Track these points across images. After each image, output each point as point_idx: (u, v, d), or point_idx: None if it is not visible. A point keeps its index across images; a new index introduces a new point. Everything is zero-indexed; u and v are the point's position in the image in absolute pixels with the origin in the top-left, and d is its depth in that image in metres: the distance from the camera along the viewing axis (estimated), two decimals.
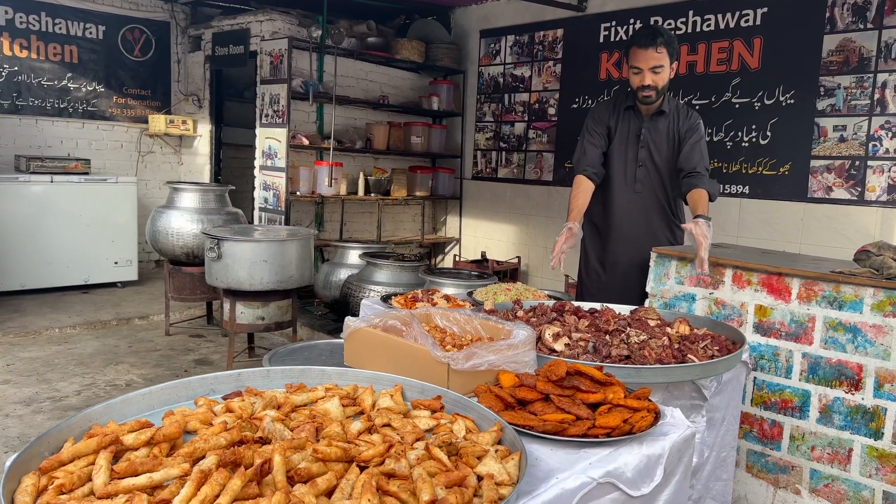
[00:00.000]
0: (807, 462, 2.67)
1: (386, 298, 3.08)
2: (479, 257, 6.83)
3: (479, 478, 1.33)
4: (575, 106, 6.39)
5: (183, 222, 5.15)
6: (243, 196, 7.07)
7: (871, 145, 4.64)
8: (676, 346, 2.37)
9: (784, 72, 5.02)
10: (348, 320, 2.20)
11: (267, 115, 6.25)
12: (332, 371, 1.98)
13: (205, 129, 7.66)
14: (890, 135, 4.55)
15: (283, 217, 6.16)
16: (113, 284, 6.74)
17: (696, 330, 2.54)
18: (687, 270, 3.01)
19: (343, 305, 5.07)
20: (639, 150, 3.38)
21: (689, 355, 2.27)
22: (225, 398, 1.79)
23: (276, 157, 6.19)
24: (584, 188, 3.37)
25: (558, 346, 2.30)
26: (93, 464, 1.26)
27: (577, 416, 1.70)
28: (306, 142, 6.37)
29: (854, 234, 4.71)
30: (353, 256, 5.62)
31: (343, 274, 5.54)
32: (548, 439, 1.61)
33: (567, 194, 6.41)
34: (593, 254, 3.65)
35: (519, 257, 6.76)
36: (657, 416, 1.74)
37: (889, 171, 4.56)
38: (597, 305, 2.84)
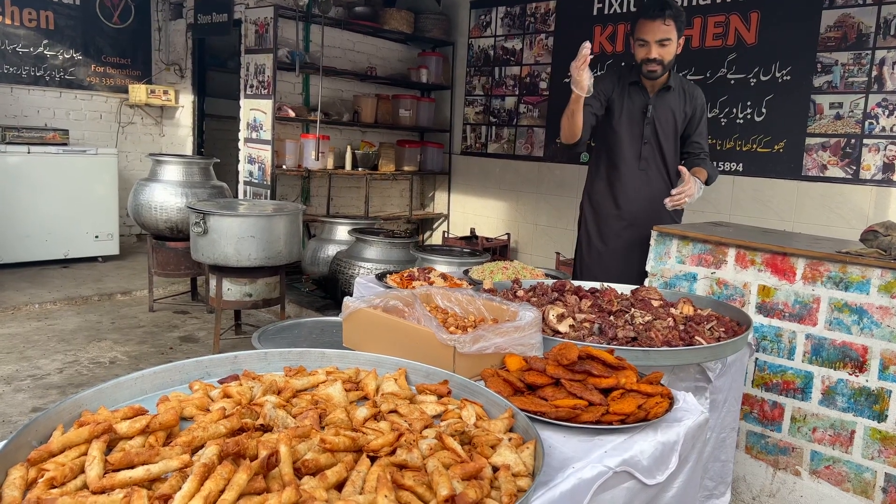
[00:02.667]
0: (808, 443, 2.65)
1: (381, 277, 3.00)
2: (468, 234, 6.75)
3: (495, 468, 1.26)
4: (567, 80, 6.26)
5: (167, 196, 5.01)
6: (227, 169, 6.91)
7: (867, 123, 4.60)
8: (682, 327, 2.32)
9: (781, 47, 4.95)
10: (347, 300, 2.12)
11: (252, 86, 6.09)
12: (333, 354, 1.90)
13: (187, 100, 7.46)
14: (887, 113, 4.51)
15: (268, 191, 6.02)
16: (93, 259, 6.59)
17: (700, 311, 2.49)
18: (689, 249, 2.95)
19: (332, 283, 4.98)
20: (644, 127, 3.31)
21: (696, 337, 2.22)
22: (221, 382, 1.70)
23: (261, 129, 6.04)
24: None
25: (562, 328, 2.24)
26: (85, 454, 1.18)
27: (589, 401, 1.64)
28: (292, 114, 6.21)
29: (848, 213, 4.69)
30: (342, 232, 5.52)
31: (331, 250, 5.44)
32: (560, 426, 1.55)
33: (558, 171, 6.39)
34: (595, 232, 3.58)
35: (508, 234, 6.69)
36: (671, 401, 1.68)
37: (885, 149, 4.53)
38: (596, 285, 2.78)
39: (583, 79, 2.79)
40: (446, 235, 6.67)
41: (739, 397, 2.60)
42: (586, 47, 2.70)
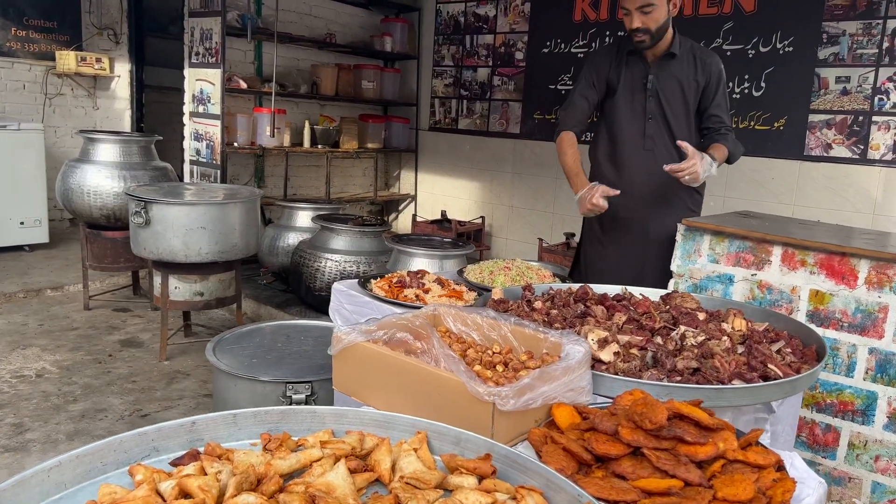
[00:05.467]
0: (868, 473, 2.28)
1: (364, 282, 2.50)
2: (438, 217, 6.27)
3: None
4: (546, 51, 5.80)
5: (101, 179, 4.37)
6: (171, 146, 6.22)
7: (876, 99, 4.27)
8: (741, 350, 1.91)
9: (783, 16, 4.56)
10: (340, 331, 1.63)
11: (198, 54, 5.43)
12: (326, 412, 1.40)
13: (123, 69, 6.72)
14: None
15: (218, 172, 5.40)
16: (19, 248, 5.86)
17: (753, 325, 2.07)
18: (724, 247, 2.54)
19: (296, 276, 4.44)
20: (647, 100, 2.86)
21: (769, 365, 1.79)
22: (175, 464, 1.21)
23: (209, 102, 5.40)
24: (572, 143, 2.88)
25: (605, 356, 1.79)
26: None
27: (686, 480, 1.21)
28: (244, 85, 5.59)
29: (854, 196, 4.38)
30: (303, 218, 4.96)
31: (292, 239, 4.89)
32: None
33: (537, 148, 5.93)
34: (599, 223, 3.14)
35: (483, 217, 6.23)
36: (792, 480, 1.26)
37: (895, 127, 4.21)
38: (617, 289, 2.35)
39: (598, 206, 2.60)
40: (416, 218, 6.18)
41: (796, 423, 2.22)
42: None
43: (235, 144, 5.53)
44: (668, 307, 2.20)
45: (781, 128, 4.61)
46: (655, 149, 2.91)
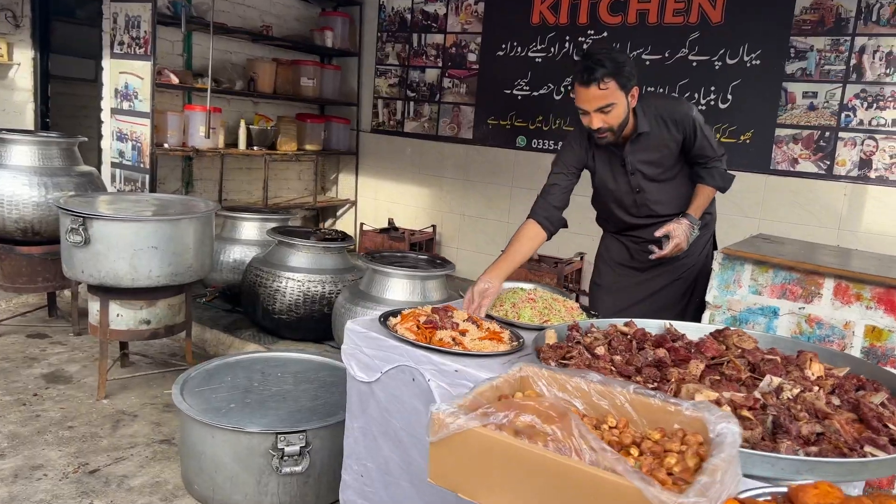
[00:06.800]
0: None
1: (385, 318, 2.16)
2: (386, 225, 5.91)
3: None
4: (501, 53, 5.57)
5: (17, 187, 3.75)
6: (83, 147, 5.54)
7: (843, 115, 4.31)
8: (837, 403, 1.73)
9: (750, 28, 4.54)
10: (443, 413, 1.31)
11: (122, 44, 4.82)
12: None
13: (25, 57, 5.91)
14: (865, 105, 4.23)
15: (146, 176, 4.83)
16: None
17: (832, 370, 1.91)
18: (768, 278, 2.38)
19: (249, 296, 3.98)
20: (629, 178, 2.67)
21: (891, 425, 1.62)
22: None
23: (135, 98, 4.81)
24: (529, 235, 2.56)
25: None
26: None
27: None
28: (176, 80, 5.02)
29: (820, 211, 4.41)
30: (250, 230, 4.50)
31: (237, 253, 4.41)
32: None
33: (490, 155, 5.70)
34: (612, 254, 2.94)
35: (434, 226, 5.93)
36: None
37: (862, 144, 4.26)
38: (658, 324, 2.15)
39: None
40: (363, 227, 5.79)
41: None
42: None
43: (166, 146, 4.96)
44: (737, 349, 2.01)
45: (748, 141, 4.59)
46: (658, 206, 2.73)
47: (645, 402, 1.44)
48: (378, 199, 6.41)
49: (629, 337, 2.07)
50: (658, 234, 2.52)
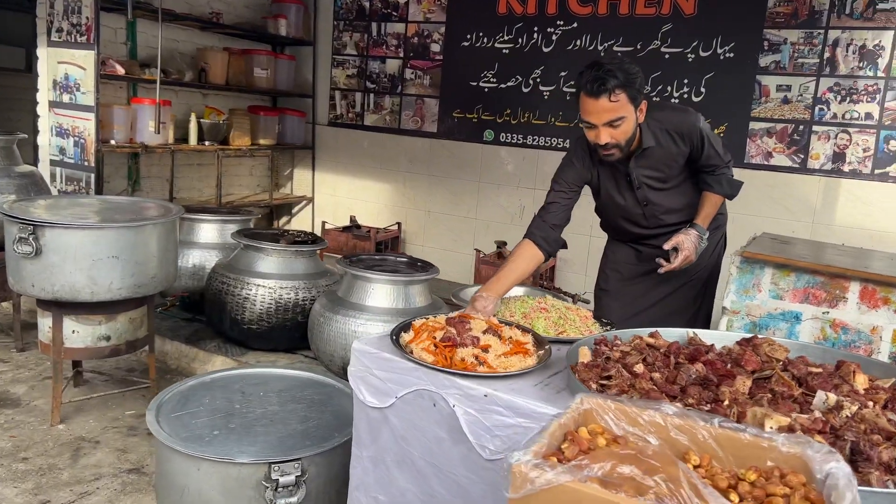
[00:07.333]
0: None
1: (396, 336, 1.97)
2: (347, 223, 5.66)
3: None
4: (466, 44, 5.39)
5: None
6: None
7: (817, 109, 4.31)
8: (892, 417, 1.64)
9: (723, 21, 4.49)
10: (524, 465, 1.13)
11: (60, 31, 4.41)
12: None
13: None
14: (838, 98, 4.24)
15: (91, 175, 4.45)
16: None
17: (878, 381, 1.83)
18: (789, 282, 2.29)
19: (215, 305, 3.69)
20: (636, 192, 2.57)
21: None
22: None
23: (77, 90, 4.42)
24: (525, 256, 2.43)
25: None
26: None
27: None
28: (121, 71, 4.64)
29: (794, 205, 4.41)
30: (209, 232, 4.19)
31: (196, 257, 4.11)
32: None
33: (456, 149, 5.51)
34: (618, 259, 2.82)
35: (399, 223, 5.71)
36: None
37: (835, 137, 4.27)
38: (681, 332, 2.04)
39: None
40: (325, 225, 5.52)
41: None
42: None
43: (112, 142, 4.58)
44: (773, 360, 1.91)
45: (722, 134, 4.55)
46: (667, 215, 2.64)
47: (733, 436, 1.30)
48: (337, 195, 6.15)
49: (663, 352, 1.94)
50: (666, 246, 2.44)
